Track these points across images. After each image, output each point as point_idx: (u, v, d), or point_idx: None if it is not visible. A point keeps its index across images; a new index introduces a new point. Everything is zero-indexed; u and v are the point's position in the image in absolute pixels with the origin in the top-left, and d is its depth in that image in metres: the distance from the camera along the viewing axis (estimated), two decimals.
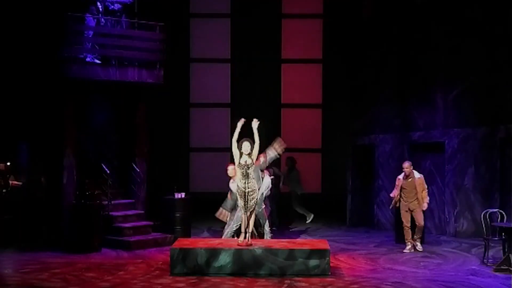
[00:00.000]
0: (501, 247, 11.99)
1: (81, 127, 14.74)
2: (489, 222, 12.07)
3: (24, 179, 14.63)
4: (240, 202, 11.32)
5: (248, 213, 11.24)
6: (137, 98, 15.60)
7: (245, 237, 11.27)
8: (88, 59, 14.42)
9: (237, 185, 11.30)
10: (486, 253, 12.02)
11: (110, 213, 14.30)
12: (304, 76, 19.14)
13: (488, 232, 12.00)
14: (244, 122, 11.30)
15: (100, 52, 14.68)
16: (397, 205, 13.62)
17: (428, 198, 13.48)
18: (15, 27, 14.10)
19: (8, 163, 14.69)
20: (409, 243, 13.36)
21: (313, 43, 19.11)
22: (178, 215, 14.44)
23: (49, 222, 14.03)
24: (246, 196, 11.15)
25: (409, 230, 13.40)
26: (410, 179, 13.44)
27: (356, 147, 17.80)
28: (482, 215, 12.19)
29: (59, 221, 14.03)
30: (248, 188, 11.16)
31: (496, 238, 12.14)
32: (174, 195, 14.65)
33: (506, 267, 11.15)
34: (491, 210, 12.42)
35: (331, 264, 11.23)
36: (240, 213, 11.83)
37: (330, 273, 11.00)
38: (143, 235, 14.18)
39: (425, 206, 13.43)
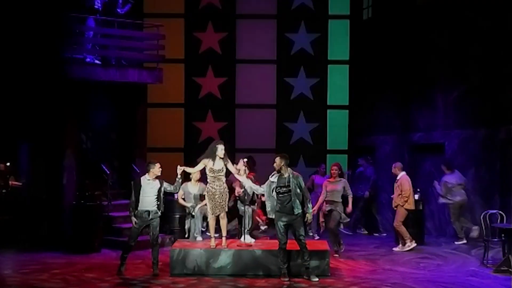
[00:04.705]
0: (500, 248, 11.98)
1: (81, 127, 14.75)
2: (489, 223, 12.07)
3: (24, 179, 14.64)
4: (210, 205, 11.13)
5: (219, 217, 11.18)
6: (138, 99, 15.60)
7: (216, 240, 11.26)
8: (88, 60, 14.43)
9: (208, 188, 11.14)
10: (486, 254, 12.01)
11: (110, 213, 14.30)
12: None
13: (488, 233, 11.99)
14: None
15: (100, 52, 14.69)
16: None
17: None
18: (16, 28, 14.11)
19: (8, 164, 14.71)
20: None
21: None
22: (177, 216, 14.43)
23: (49, 223, 14.04)
24: (217, 199, 11.04)
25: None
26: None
27: (356, 148, 17.79)
28: (482, 216, 12.18)
29: (59, 221, 14.03)
30: (219, 192, 11.04)
31: (496, 239, 12.14)
32: (173, 196, 14.64)
33: (506, 268, 11.15)
34: (491, 211, 12.41)
35: (330, 265, 11.24)
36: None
37: (329, 274, 11.00)
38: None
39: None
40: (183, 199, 12.92)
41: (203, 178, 12.15)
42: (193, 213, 12.77)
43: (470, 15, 15.02)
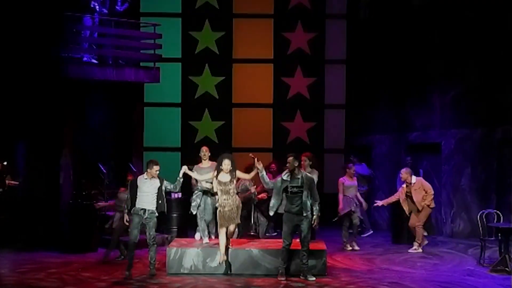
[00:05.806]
0: (497, 248, 11.99)
1: (78, 126, 14.74)
2: (485, 223, 12.08)
3: (20, 178, 14.62)
4: (219, 218, 10.70)
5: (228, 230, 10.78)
6: (134, 98, 15.60)
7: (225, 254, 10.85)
8: (85, 59, 14.43)
9: (219, 201, 10.73)
10: (483, 253, 12.03)
11: (107, 213, 14.28)
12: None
13: (484, 233, 12.00)
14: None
15: (97, 52, 14.69)
16: None
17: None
18: (13, 27, 14.09)
19: (5, 163, 14.68)
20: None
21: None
22: (174, 215, 14.43)
23: (46, 222, 14.01)
24: (226, 212, 10.61)
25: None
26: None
27: (353, 147, 17.80)
28: (478, 216, 12.18)
29: (56, 221, 14.01)
30: (228, 205, 10.63)
31: (492, 239, 12.16)
32: (170, 195, 14.63)
33: (502, 268, 11.17)
34: (487, 211, 12.44)
35: (327, 265, 11.25)
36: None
37: (326, 274, 11.01)
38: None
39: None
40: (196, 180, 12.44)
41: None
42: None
43: (468, 15, 15.03)
